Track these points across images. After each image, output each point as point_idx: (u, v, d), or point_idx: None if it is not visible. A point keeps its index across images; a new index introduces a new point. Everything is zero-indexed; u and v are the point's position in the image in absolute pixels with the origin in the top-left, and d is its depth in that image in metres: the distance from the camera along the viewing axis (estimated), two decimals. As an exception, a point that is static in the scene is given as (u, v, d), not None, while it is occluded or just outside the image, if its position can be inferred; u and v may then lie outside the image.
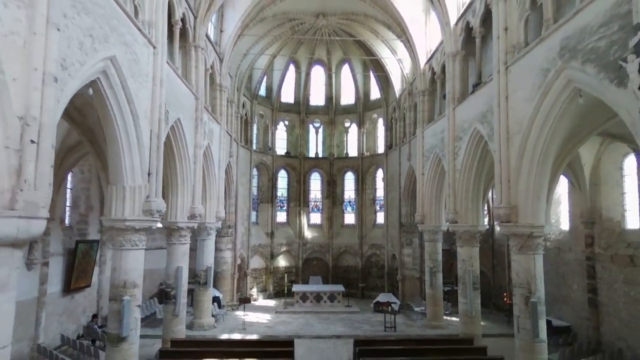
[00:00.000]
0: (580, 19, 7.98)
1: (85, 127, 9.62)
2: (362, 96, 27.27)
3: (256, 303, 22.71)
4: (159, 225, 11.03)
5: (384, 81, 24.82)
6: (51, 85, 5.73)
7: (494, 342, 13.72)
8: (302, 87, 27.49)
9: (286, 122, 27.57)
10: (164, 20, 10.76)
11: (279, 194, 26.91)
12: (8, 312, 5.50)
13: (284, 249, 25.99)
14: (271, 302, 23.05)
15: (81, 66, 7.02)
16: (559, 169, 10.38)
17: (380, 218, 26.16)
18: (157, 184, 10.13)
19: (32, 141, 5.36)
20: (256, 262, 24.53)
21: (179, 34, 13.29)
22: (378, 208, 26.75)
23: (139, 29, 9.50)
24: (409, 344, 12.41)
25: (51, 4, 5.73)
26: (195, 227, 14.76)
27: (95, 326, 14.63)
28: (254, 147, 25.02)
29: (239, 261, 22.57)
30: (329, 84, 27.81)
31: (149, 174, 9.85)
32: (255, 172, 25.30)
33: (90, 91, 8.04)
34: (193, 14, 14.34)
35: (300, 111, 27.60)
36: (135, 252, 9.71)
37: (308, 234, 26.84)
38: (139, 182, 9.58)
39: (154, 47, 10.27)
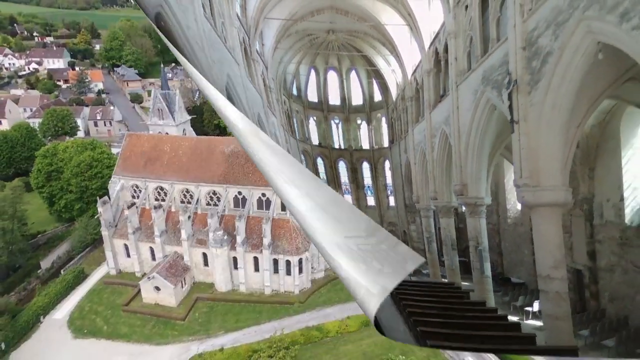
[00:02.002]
0: (491, 59, 12.13)
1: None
2: (368, 98, 31.46)
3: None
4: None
5: (384, 87, 29.03)
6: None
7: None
8: (322, 89, 32.05)
9: (314, 118, 32.21)
10: (238, 44, 15.62)
11: (320, 176, 31.70)
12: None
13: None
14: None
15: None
16: (493, 158, 14.59)
17: (392, 201, 30.58)
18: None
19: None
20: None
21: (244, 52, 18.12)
22: (389, 193, 31.12)
23: (230, 53, 14.34)
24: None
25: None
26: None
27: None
28: (297, 136, 29.89)
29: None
30: (341, 87, 32.19)
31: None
32: (302, 157, 30.23)
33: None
34: (247, 35, 19.14)
35: (323, 109, 32.14)
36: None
37: (338, 214, 31.47)
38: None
39: (238, 65, 15.11)
